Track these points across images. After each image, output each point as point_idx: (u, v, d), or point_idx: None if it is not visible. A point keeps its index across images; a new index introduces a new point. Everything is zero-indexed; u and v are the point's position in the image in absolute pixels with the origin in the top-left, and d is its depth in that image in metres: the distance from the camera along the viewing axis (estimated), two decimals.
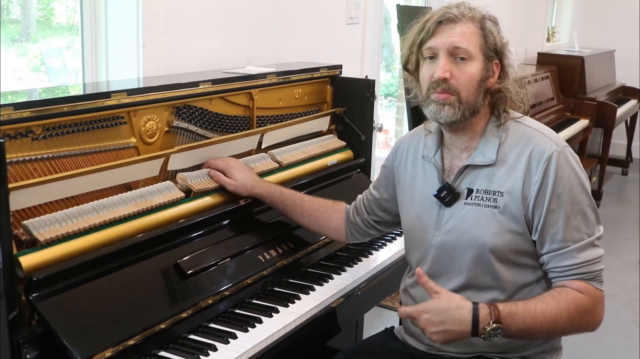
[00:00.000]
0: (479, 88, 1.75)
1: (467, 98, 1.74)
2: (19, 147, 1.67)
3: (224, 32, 2.69)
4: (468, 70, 1.73)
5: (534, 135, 1.77)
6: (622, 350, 3.64)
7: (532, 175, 1.72)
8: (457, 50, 1.72)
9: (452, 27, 1.74)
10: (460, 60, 1.73)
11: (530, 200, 1.72)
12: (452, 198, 1.81)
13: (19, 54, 2.55)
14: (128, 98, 1.90)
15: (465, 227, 1.78)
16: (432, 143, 1.90)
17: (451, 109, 1.74)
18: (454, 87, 1.73)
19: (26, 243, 1.62)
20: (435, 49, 1.74)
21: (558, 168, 1.71)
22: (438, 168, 1.86)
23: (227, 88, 2.26)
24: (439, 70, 1.72)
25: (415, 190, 1.93)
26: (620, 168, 7.63)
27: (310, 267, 2.23)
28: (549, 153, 1.72)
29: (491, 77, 1.77)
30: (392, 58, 5.11)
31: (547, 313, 1.67)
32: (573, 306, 1.69)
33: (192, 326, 1.79)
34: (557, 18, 7.95)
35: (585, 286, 1.72)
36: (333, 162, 2.64)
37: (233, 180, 2.13)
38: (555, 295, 1.70)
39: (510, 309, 1.66)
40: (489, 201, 1.76)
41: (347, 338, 2.76)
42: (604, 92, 6.65)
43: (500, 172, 1.76)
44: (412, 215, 1.93)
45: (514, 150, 1.76)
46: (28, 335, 1.52)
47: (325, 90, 2.77)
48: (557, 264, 1.73)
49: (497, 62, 1.78)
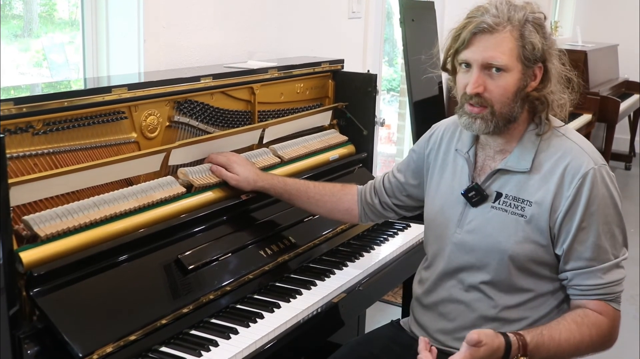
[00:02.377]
0: (515, 98, 1.70)
1: (501, 110, 1.70)
2: (20, 142, 1.67)
3: (225, 26, 2.68)
4: (503, 83, 1.68)
5: (572, 149, 1.73)
6: (624, 345, 3.62)
7: (565, 190, 1.69)
8: (492, 64, 1.67)
9: (487, 38, 1.67)
10: (495, 72, 1.67)
11: (559, 214, 1.69)
12: (480, 199, 1.79)
13: (21, 49, 2.55)
14: (129, 93, 1.90)
15: (488, 230, 1.76)
16: (467, 138, 1.87)
17: (483, 123, 1.71)
18: (487, 101, 1.69)
19: (27, 239, 1.62)
20: (469, 61, 1.69)
21: (593, 186, 1.68)
22: (470, 165, 1.84)
23: (229, 83, 2.26)
24: (471, 84, 1.68)
25: (443, 181, 1.90)
26: (623, 163, 7.61)
27: (312, 262, 2.22)
28: (585, 170, 1.68)
29: (531, 82, 1.71)
30: (394, 52, 5.10)
31: (570, 341, 1.67)
32: (595, 332, 1.69)
33: (193, 322, 1.79)
34: (560, 12, 7.93)
35: (605, 307, 1.71)
36: (335, 156, 2.64)
37: (235, 174, 2.12)
38: (579, 321, 1.69)
39: (537, 342, 1.65)
40: (517, 208, 1.73)
41: (349, 333, 2.76)
42: (607, 86, 6.63)
43: (533, 181, 1.73)
44: (435, 207, 1.91)
45: (550, 161, 1.73)
46: (29, 331, 1.52)
47: (327, 84, 2.76)
48: (580, 282, 1.72)
49: (541, 66, 1.71)
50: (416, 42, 3.62)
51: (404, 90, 4.51)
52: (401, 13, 3.66)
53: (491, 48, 1.66)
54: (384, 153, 5.00)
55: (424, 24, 3.87)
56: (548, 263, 1.75)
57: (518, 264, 1.74)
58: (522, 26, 1.68)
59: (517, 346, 1.62)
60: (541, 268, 1.76)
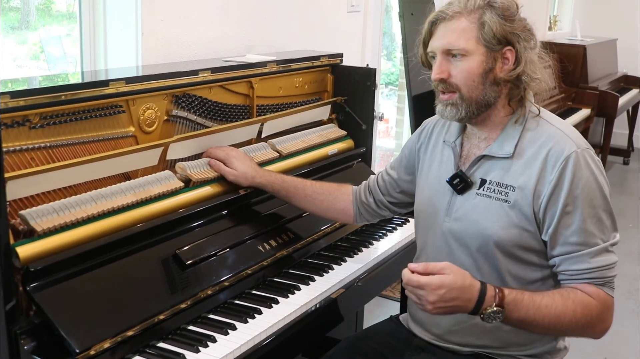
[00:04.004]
0: (483, 80, 1.72)
1: (469, 94, 1.73)
2: (16, 135, 1.66)
3: (224, 20, 2.67)
4: (465, 67, 1.71)
5: (555, 134, 1.73)
6: (623, 340, 3.63)
7: (548, 174, 1.69)
8: (450, 50, 1.72)
9: (444, 26, 1.74)
10: (457, 57, 1.72)
11: (542, 198, 1.69)
12: (465, 186, 1.80)
13: (19, 42, 2.53)
14: (126, 87, 1.88)
15: (473, 217, 1.77)
16: (454, 129, 1.89)
17: (453, 109, 1.75)
18: (453, 85, 1.73)
19: (23, 233, 1.61)
20: (433, 50, 1.76)
21: (576, 169, 1.67)
22: (456, 154, 1.85)
23: (227, 77, 2.25)
24: (434, 71, 1.76)
25: (431, 172, 1.92)
26: (622, 157, 7.62)
27: (310, 257, 2.22)
28: (567, 154, 1.68)
29: (503, 66, 1.73)
30: (393, 46, 5.08)
31: (551, 308, 1.65)
32: (580, 309, 1.67)
33: (191, 317, 1.78)
34: (558, 7, 7.92)
35: (596, 290, 1.69)
36: (334, 151, 2.63)
37: (233, 169, 2.11)
38: (564, 294, 1.68)
39: (516, 297, 1.64)
40: (500, 194, 1.74)
41: (348, 328, 2.76)
42: (606, 81, 6.63)
43: (516, 166, 1.74)
44: (424, 198, 1.92)
45: (533, 146, 1.73)
46: (26, 326, 1.52)
47: (326, 78, 2.75)
48: (568, 267, 1.71)
49: (510, 48, 1.72)
50: (415, 36, 3.61)
51: (402, 84, 4.50)
52: (400, 7, 3.65)
53: (448, 34, 1.73)
54: (383, 147, 4.99)
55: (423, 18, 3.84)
56: (535, 249, 1.75)
57: (504, 250, 1.74)
58: (479, 10, 1.72)
59: (492, 293, 1.62)
60: (528, 255, 1.75)
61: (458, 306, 1.61)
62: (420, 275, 1.60)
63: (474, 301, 1.61)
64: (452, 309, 1.61)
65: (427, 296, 1.59)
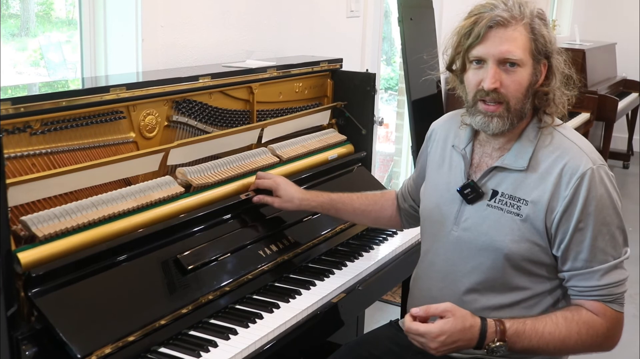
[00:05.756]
0: (527, 94, 1.69)
1: (515, 106, 1.68)
2: (17, 142, 1.66)
3: (224, 25, 2.67)
4: (518, 78, 1.66)
5: (570, 148, 1.71)
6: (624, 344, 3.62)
7: (562, 190, 1.67)
8: (508, 59, 1.65)
9: (502, 32, 1.64)
10: (510, 67, 1.66)
11: (556, 214, 1.68)
12: (476, 196, 1.77)
13: (19, 49, 2.54)
14: (127, 93, 1.89)
15: (484, 229, 1.75)
16: (464, 135, 1.85)
17: (500, 121, 1.69)
18: (503, 96, 1.67)
19: (25, 239, 1.61)
20: (485, 56, 1.66)
21: (591, 186, 1.65)
22: (466, 162, 1.82)
23: (227, 82, 2.25)
24: (488, 80, 1.66)
25: (439, 177, 1.90)
26: (622, 161, 7.61)
27: (311, 262, 2.22)
28: (583, 170, 1.66)
29: (539, 79, 1.70)
30: (392, 51, 5.09)
31: (554, 334, 1.66)
32: (584, 329, 1.67)
33: (192, 322, 1.78)
34: (557, 11, 7.92)
35: (603, 308, 1.69)
36: (334, 156, 2.63)
37: (277, 197, 2.14)
38: (568, 316, 1.68)
39: (517, 329, 1.65)
40: (512, 207, 1.72)
41: (348, 333, 2.75)
42: (605, 85, 6.63)
43: (530, 179, 1.71)
44: (431, 203, 1.90)
45: (547, 160, 1.71)
46: (27, 331, 1.52)
47: (326, 83, 2.76)
48: (577, 283, 1.70)
49: (545, 62, 1.70)
50: (414, 40, 3.61)
51: (402, 89, 4.50)
52: (399, 12, 3.66)
53: (507, 42, 1.64)
54: (383, 152, 4.99)
55: (423, 23, 3.86)
56: (545, 263, 1.74)
57: (513, 263, 1.73)
58: (532, 20, 1.67)
59: (493, 329, 1.63)
60: (538, 268, 1.74)
61: (460, 346, 1.64)
62: (421, 323, 1.63)
63: (475, 339, 1.63)
64: (456, 349, 1.64)
65: (428, 344, 1.62)
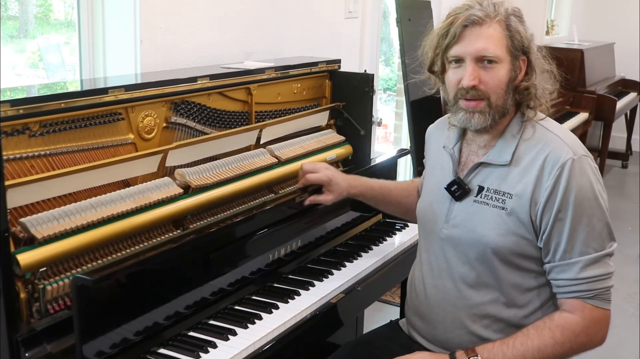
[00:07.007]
0: (508, 89, 1.72)
1: (496, 102, 1.71)
2: (16, 143, 1.66)
3: (222, 27, 2.68)
4: (497, 74, 1.69)
5: (552, 140, 1.72)
6: (623, 343, 3.63)
7: (544, 181, 1.68)
8: (485, 56, 1.68)
9: (477, 30, 1.68)
10: (488, 64, 1.69)
11: (539, 205, 1.69)
12: (462, 193, 1.80)
13: (17, 50, 2.54)
14: (125, 94, 1.89)
15: (471, 224, 1.77)
16: (453, 135, 1.88)
17: (481, 117, 1.72)
18: (483, 93, 1.70)
19: (24, 241, 1.61)
20: (462, 55, 1.70)
21: (571, 176, 1.66)
22: (454, 161, 1.85)
23: (226, 84, 2.25)
24: (467, 78, 1.69)
25: (432, 178, 1.93)
26: (620, 161, 7.62)
27: (310, 263, 2.22)
28: (563, 160, 1.67)
29: (518, 75, 1.73)
30: (390, 52, 5.10)
31: (527, 343, 1.67)
32: (559, 332, 1.67)
33: (191, 323, 1.79)
34: (556, 11, 7.93)
35: (580, 305, 1.68)
36: (332, 157, 2.63)
37: (329, 196, 2.17)
38: (539, 324, 1.70)
39: (485, 346, 1.69)
40: (497, 201, 1.74)
41: (348, 333, 2.76)
42: (604, 85, 6.64)
43: (513, 173, 1.73)
44: (425, 203, 1.93)
45: (530, 153, 1.72)
46: (26, 333, 1.52)
47: (324, 84, 2.76)
48: (556, 276, 1.71)
49: (524, 58, 1.73)
50: (413, 41, 3.62)
51: (400, 90, 4.51)
52: (398, 12, 3.66)
53: (483, 40, 1.68)
54: (381, 153, 4.99)
55: (421, 24, 3.85)
56: (533, 256, 1.74)
57: (502, 257, 1.74)
58: (507, 17, 1.71)
59: (462, 352, 1.70)
60: (526, 262, 1.75)
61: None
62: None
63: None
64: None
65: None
